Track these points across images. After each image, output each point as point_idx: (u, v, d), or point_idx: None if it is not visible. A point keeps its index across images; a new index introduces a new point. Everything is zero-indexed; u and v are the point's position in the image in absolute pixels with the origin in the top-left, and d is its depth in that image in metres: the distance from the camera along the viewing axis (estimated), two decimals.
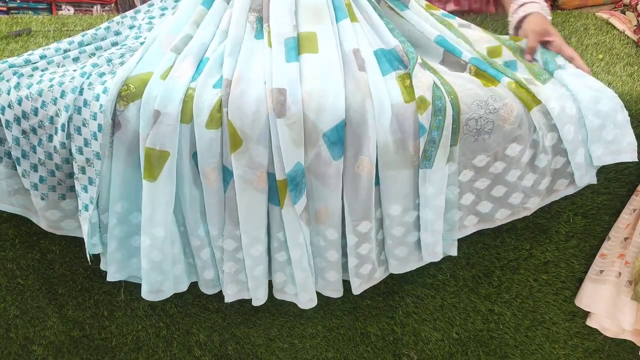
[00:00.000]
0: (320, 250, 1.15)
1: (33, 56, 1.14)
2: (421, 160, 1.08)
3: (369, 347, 1.41)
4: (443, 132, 1.06)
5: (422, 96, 1.05)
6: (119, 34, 1.26)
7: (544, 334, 1.40)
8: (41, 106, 1.06)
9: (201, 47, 1.14)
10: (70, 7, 2.33)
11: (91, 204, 1.09)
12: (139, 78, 1.07)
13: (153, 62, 1.11)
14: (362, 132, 1.04)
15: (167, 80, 1.06)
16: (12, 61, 1.11)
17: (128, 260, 1.17)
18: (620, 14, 1.50)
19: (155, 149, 1.03)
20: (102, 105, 1.03)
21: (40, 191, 1.12)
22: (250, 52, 1.12)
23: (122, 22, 1.29)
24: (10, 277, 1.29)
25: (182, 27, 1.16)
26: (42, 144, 1.09)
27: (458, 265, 1.29)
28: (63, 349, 1.38)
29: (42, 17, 1.54)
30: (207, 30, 1.16)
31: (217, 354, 1.40)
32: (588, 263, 1.30)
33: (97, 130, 1.04)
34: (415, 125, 1.05)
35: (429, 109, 1.05)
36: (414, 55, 1.12)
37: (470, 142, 1.09)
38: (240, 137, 1.03)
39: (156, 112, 1.02)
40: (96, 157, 1.06)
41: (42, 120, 1.06)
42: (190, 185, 1.09)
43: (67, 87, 1.05)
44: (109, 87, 1.04)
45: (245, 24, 1.15)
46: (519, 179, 1.14)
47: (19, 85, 1.07)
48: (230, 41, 1.12)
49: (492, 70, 1.14)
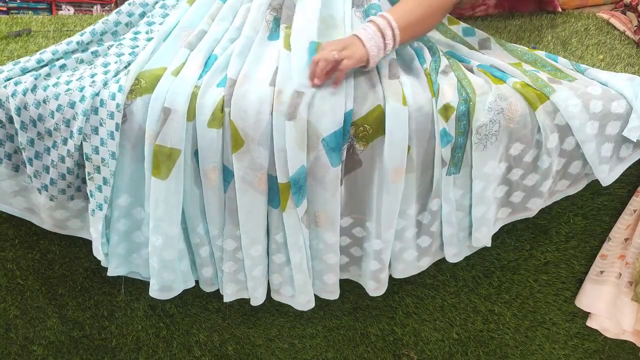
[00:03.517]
0: (319, 253, 1.16)
1: (45, 54, 1.13)
2: (449, 166, 1.09)
3: (369, 348, 1.41)
4: (468, 136, 1.07)
5: (447, 104, 1.06)
6: (130, 25, 1.25)
7: (544, 335, 1.40)
8: (57, 109, 1.06)
9: (213, 43, 1.13)
10: (70, 7, 2.33)
11: (105, 204, 1.09)
12: (151, 73, 1.07)
13: (167, 57, 1.11)
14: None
15: (178, 77, 1.06)
16: (24, 64, 1.11)
17: (129, 256, 1.18)
18: (621, 14, 1.50)
19: (165, 147, 1.03)
20: (118, 104, 1.03)
21: (50, 192, 1.12)
22: (260, 54, 1.12)
23: (132, 5, 1.26)
24: (10, 277, 1.29)
25: (198, 21, 1.16)
26: (57, 146, 1.09)
27: (458, 265, 1.29)
28: (63, 349, 1.38)
29: (42, 17, 1.54)
30: (220, 26, 1.16)
31: (217, 354, 1.40)
32: (588, 264, 1.30)
33: (114, 130, 1.04)
34: (424, 130, 1.06)
35: (452, 116, 1.06)
36: (437, 56, 1.13)
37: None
38: (242, 137, 1.03)
39: (166, 109, 1.02)
40: (111, 157, 1.06)
41: (58, 123, 1.06)
42: (190, 184, 1.09)
43: (86, 91, 1.05)
44: (123, 85, 1.04)
45: (262, 21, 1.15)
46: (520, 178, 1.14)
47: (36, 87, 1.07)
48: (241, 41, 1.12)
49: (498, 72, 1.14)
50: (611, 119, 1.09)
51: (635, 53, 1.32)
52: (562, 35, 1.41)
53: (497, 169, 1.11)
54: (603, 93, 1.10)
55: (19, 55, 1.25)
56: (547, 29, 1.44)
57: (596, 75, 1.15)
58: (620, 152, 1.12)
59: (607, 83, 1.12)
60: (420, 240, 1.18)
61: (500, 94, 1.08)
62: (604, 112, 1.09)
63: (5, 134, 1.11)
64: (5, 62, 1.22)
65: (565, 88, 1.10)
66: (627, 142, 1.12)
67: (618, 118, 1.09)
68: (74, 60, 1.14)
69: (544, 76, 1.13)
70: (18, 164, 1.14)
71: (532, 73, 1.14)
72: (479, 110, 1.06)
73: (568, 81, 1.13)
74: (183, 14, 1.20)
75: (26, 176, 1.15)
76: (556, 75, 1.15)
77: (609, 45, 1.35)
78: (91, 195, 1.11)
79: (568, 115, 1.08)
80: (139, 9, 1.26)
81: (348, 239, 1.18)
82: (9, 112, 1.08)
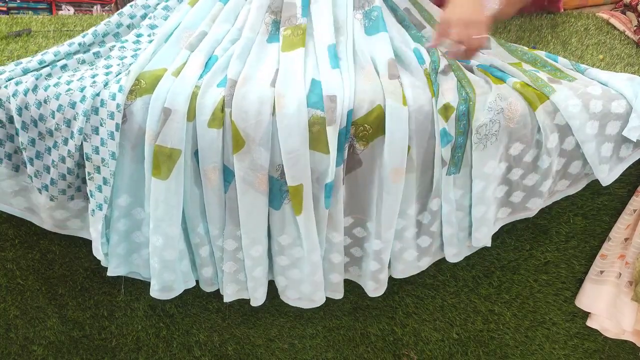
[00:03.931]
0: (325, 253, 1.16)
1: (47, 55, 1.13)
2: (449, 166, 1.09)
3: (369, 348, 1.41)
4: (468, 136, 1.07)
5: (447, 103, 1.06)
6: (132, 27, 1.26)
7: (544, 335, 1.40)
8: (58, 109, 1.06)
9: (214, 44, 1.14)
10: (70, 7, 2.33)
11: (105, 204, 1.09)
12: (152, 74, 1.07)
13: (168, 58, 1.11)
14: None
15: (178, 78, 1.06)
16: (26, 64, 1.11)
17: (129, 256, 1.18)
18: (621, 14, 1.50)
19: (166, 147, 1.03)
20: (119, 104, 1.03)
21: (51, 192, 1.12)
22: (260, 56, 1.12)
23: (134, 7, 1.27)
24: (10, 277, 1.29)
25: (199, 22, 1.17)
26: (57, 146, 1.09)
27: (458, 265, 1.29)
28: (63, 349, 1.38)
29: (42, 17, 1.54)
30: (221, 28, 1.16)
31: (217, 354, 1.40)
32: (588, 264, 1.30)
33: (114, 130, 1.04)
34: (424, 131, 1.06)
35: (452, 116, 1.06)
36: (436, 56, 1.13)
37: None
38: (242, 138, 1.03)
39: (167, 110, 1.03)
40: (111, 157, 1.06)
41: (59, 123, 1.06)
42: (190, 184, 1.09)
43: (87, 91, 1.05)
44: (124, 85, 1.04)
45: (261, 24, 1.16)
46: (520, 178, 1.14)
47: (37, 87, 1.07)
48: (242, 42, 1.13)
49: (499, 72, 1.14)
50: (611, 119, 1.09)
51: (635, 53, 1.32)
52: (562, 35, 1.41)
53: (497, 168, 1.11)
54: (603, 93, 1.10)
55: (19, 56, 1.25)
56: (547, 29, 1.44)
57: (596, 75, 1.15)
58: (620, 152, 1.12)
59: (607, 83, 1.12)
60: (420, 240, 1.18)
61: (500, 93, 1.08)
62: (603, 112, 1.09)
63: (6, 133, 1.11)
64: (5, 62, 1.22)
65: (565, 88, 1.10)
66: (627, 141, 1.11)
67: (618, 118, 1.09)
68: (75, 61, 1.14)
69: (543, 76, 1.13)
70: (18, 163, 1.14)
71: (532, 73, 1.14)
72: (479, 110, 1.06)
73: (568, 81, 1.13)
74: (184, 15, 1.20)
75: (26, 176, 1.15)
76: (556, 75, 1.15)
77: (608, 45, 1.35)
78: (91, 195, 1.11)
79: (568, 115, 1.08)
80: (140, 11, 1.27)
81: (349, 239, 1.18)
82: (9, 112, 1.08)
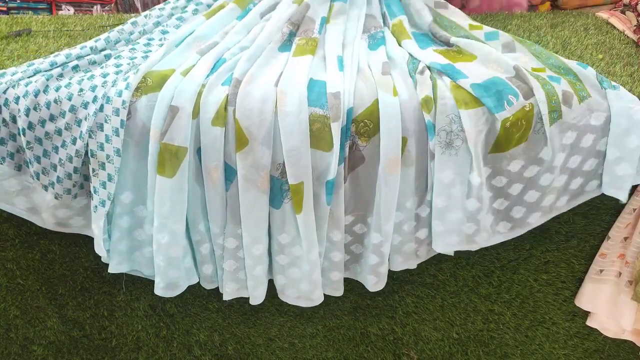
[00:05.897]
0: (325, 251, 1.16)
1: (59, 57, 1.14)
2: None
3: (369, 347, 1.41)
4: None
5: (425, 96, 1.07)
6: (144, 32, 1.29)
7: (544, 334, 1.40)
8: (70, 109, 1.07)
9: (223, 50, 1.18)
10: (70, 7, 2.32)
11: (108, 200, 1.10)
12: (159, 73, 1.09)
13: (177, 61, 1.14)
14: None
15: (186, 77, 1.07)
16: (38, 65, 1.12)
17: (131, 254, 1.18)
18: (620, 14, 1.50)
19: (173, 145, 1.04)
20: (124, 101, 1.04)
21: (56, 190, 1.13)
22: (268, 60, 1.15)
23: (149, 17, 1.32)
24: (10, 277, 1.29)
25: (212, 35, 1.23)
26: (66, 146, 1.09)
27: (458, 265, 1.29)
28: (63, 349, 1.38)
29: (42, 17, 1.54)
30: (233, 38, 1.22)
31: (217, 354, 1.40)
32: (588, 263, 1.30)
33: (119, 126, 1.04)
34: (419, 124, 1.07)
35: (433, 108, 1.07)
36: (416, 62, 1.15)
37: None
38: (246, 136, 1.04)
39: (174, 107, 1.03)
40: (116, 154, 1.06)
41: (70, 122, 1.07)
42: (192, 181, 1.10)
43: (99, 91, 1.06)
44: (131, 82, 1.05)
45: (278, 33, 1.21)
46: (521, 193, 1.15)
47: (48, 88, 1.08)
48: (252, 48, 1.16)
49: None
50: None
51: (635, 52, 1.32)
52: (562, 35, 1.41)
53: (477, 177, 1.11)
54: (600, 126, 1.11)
55: (19, 56, 1.25)
56: (547, 29, 1.45)
57: (617, 98, 1.11)
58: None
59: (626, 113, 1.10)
60: (419, 234, 1.18)
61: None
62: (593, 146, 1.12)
63: (8, 133, 1.11)
64: (6, 62, 1.22)
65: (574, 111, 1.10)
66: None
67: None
68: (86, 62, 1.16)
69: (559, 91, 1.10)
70: (20, 163, 1.15)
71: (550, 89, 1.10)
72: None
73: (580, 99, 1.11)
74: (198, 25, 1.25)
75: (28, 175, 1.15)
76: (574, 87, 1.12)
77: (608, 45, 1.36)
78: (95, 192, 1.11)
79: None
80: (153, 20, 1.31)
81: (349, 237, 1.18)
82: (12, 112, 1.09)
